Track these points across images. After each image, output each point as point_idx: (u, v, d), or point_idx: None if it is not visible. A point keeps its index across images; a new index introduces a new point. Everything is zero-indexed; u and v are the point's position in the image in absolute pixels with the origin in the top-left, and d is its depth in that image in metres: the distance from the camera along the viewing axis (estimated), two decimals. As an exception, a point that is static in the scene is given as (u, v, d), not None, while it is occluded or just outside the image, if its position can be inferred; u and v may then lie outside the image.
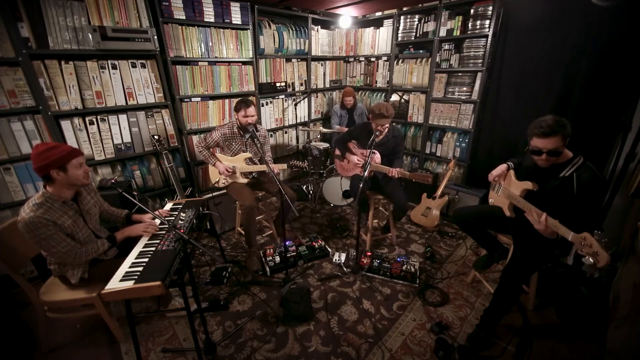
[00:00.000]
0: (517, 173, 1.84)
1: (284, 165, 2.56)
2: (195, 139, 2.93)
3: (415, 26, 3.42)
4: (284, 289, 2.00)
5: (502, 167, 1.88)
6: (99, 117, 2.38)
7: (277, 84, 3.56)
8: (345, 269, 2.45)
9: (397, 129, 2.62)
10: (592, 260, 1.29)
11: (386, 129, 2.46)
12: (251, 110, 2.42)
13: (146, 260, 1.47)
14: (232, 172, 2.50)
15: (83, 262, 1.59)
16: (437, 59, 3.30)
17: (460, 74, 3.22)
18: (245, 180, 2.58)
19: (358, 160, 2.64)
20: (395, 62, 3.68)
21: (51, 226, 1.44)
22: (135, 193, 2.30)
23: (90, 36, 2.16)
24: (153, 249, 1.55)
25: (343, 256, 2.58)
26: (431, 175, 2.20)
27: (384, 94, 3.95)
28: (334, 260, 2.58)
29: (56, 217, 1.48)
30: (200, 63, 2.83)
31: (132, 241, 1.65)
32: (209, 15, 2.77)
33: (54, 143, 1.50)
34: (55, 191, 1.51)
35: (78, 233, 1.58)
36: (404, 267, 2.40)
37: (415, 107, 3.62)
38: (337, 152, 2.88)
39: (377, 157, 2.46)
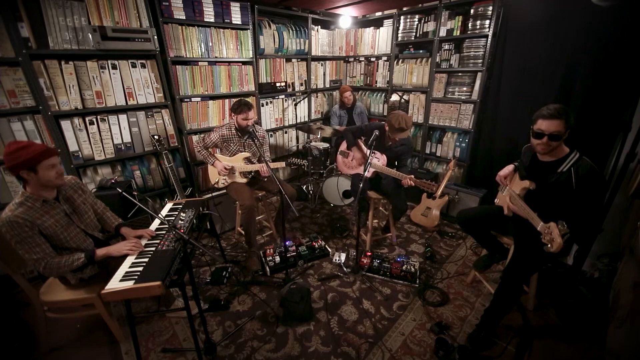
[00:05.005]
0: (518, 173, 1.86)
1: (282, 164, 2.57)
2: (195, 139, 2.93)
3: (415, 26, 3.42)
4: (284, 289, 1.99)
5: (509, 168, 1.91)
6: (99, 117, 2.38)
7: (277, 84, 3.56)
8: (345, 269, 2.45)
9: (408, 140, 2.57)
10: (549, 246, 1.40)
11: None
12: (252, 113, 2.43)
13: (146, 260, 1.47)
14: (229, 170, 2.50)
15: (54, 275, 1.52)
16: (437, 59, 3.30)
17: (460, 74, 3.22)
18: (244, 180, 2.58)
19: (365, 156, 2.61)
20: (395, 62, 3.68)
21: (27, 228, 1.39)
22: (135, 193, 2.31)
23: (90, 36, 2.16)
24: (153, 249, 1.55)
25: (343, 256, 2.58)
26: (435, 184, 2.21)
27: (384, 94, 3.95)
28: (334, 260, 2.57)
29: (35, 217, 1.43)
30: (200, 63, 2.83)
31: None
32: (209, 15, 2.77)
33: (26, 142, 1.42)
34: (33, 191, 1.46)
35: (63, 232, 1.52)
36: (404, 267, 2.40)
37: (415, 107, 3.62)
38: (342, 147, 2.85)
39: (384, 159, 2.46)
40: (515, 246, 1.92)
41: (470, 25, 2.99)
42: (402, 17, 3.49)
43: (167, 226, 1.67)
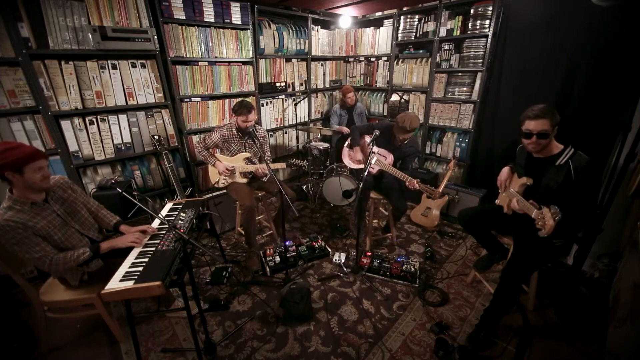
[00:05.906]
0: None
1: (283, 164, 2.57)
2: (195, 139, 2.93)
3: (415, 26, 3.42)
4: (284, 289, 2.00)
5: (506, 170, 1.94)
6: (99, 117, 2.38)
7: (277, 84, 3.56)
8: (345, 269, 2.45)
9: (416, 143, 2.57)
10: (542, 231, 1.45)
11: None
12: (252, 115, 2.43)
13: (146, 260, 1.47)
14: (231, 171, 2.50)
15: (61, 270, 1.50)
16: (437, 59, 3.30)
17: (460, 74, 3.22)
18: (244, 180, 2.58)
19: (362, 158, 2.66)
20: (395, 62, 3.68)
21: (20, 229, 1.37)
22: (135, 193, 2.31)
23: (90, 36, 2.16)
24: (153, 249, 1.55)
25: (343, 256, 2.58)
26: (438, 191, 2.25)
27: (384, 94, 3.95)
28: (334, 260, 2.57)
29: (27, 219, 1.41)
30: (200, 63, 2.83)
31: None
32: (209, 15, 2.77)
33: (16, 143, 1.41)
34: (20, 194, 1.42)
35: (57, 234, 1.51)
36: (404, 267, 2.40)
37: (415, 107, 3.62)
38: (349, 140, 2.85)
39: (391, 159, 2.47)
40: (514, 245, 1.93)
41: (470, 25, 2.99)
42: (402, 17, 3.49)
43: (167, 226, 1.67)
